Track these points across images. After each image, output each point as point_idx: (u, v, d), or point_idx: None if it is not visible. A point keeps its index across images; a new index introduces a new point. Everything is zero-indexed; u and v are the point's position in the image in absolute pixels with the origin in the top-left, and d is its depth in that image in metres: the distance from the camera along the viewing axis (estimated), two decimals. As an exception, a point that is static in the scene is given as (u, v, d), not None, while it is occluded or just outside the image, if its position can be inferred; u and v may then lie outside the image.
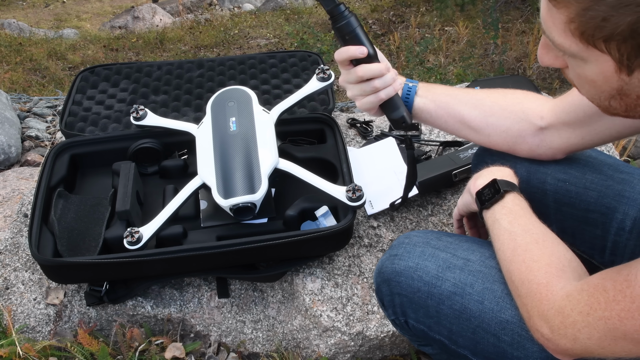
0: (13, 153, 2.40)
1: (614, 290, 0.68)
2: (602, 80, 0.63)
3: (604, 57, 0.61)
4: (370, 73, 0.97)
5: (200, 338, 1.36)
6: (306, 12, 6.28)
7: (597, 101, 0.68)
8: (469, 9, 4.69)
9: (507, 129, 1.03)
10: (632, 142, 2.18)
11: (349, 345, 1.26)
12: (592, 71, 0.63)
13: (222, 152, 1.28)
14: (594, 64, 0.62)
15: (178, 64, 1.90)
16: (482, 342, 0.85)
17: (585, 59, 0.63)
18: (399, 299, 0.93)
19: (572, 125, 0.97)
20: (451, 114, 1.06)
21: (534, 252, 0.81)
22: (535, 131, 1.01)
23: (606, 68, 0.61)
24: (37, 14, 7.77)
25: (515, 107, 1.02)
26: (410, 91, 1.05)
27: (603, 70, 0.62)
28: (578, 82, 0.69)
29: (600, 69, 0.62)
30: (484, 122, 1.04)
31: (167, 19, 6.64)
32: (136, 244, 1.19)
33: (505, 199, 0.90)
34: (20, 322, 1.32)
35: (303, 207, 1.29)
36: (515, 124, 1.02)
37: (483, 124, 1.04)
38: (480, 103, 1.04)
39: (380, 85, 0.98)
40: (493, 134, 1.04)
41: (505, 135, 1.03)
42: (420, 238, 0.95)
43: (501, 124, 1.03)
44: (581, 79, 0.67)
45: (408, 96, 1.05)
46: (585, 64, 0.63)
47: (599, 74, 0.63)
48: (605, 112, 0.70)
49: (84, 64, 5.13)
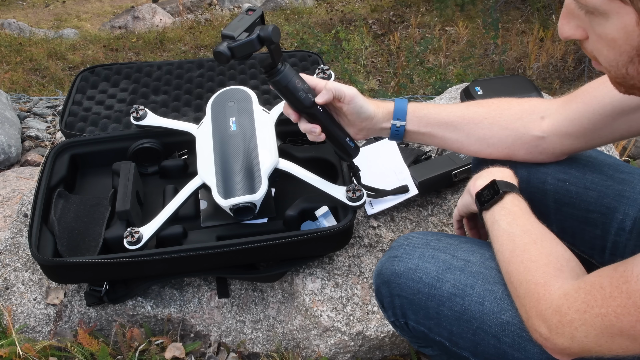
0: (13, 153, 2.40)
1: (611, 286, 0.68)
2: (623, 38, 0.63)
3: (626, 9, 0.61)
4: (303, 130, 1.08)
5: (200, 338, 1.36)
6: (306, 12, 6.28)
7: (615, 69, 0.68)
8: (469, 9, 4.69)
9: (508, 146, 1.04)
10: (632, 142, 2.18)
11: (349, 345, 1.26)
12: (613, 27, 0.63)
13: (222, 152, 1.28)
14: (615, 18, 0.62)
15: (178, 64, 1.90)
16: (482, 343, 0.85)
17: (607, 14, 0.63)
18: (398, 300, 0.93)
19: (575, 135, 0.97)
20: (448, 143, 1.08)
21: (532, 253, 0.81)
22: (537, 142, 1.01)
23: (628, 21, 0.62)
24: (37, 14, 7.77)
25: (515, 123, 1.02)
26: (399, 131, 1.07)
27: (625, 25, 0.62)
28: (597, 50, 0.68)
29: (622, 24, 0.62)
30: (484, 145, 1.05)
31: (167, 19, 6.63)
32: (136, 244, 1.19)
33: (505, 200, 0.90)
34: (20, 322, 1.32)
35: (303, 207, 1.29)
36: (517, 140, 1.02)
37: (484, 146, 1.05)
38: (477, 129, 1.04)
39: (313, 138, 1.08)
40: (494, 153, 1.06)
41: (507, 151, 1.04)
42: (420, 239, 0.95)
43: (502, 144, 1.04)
44: (601, 42, 0.67)
45: (397, 134, 1.08)
46: (606, 20, 0.63)
47: (620, 29, 0.63)
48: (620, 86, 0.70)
49: (84, 64, 5.12)
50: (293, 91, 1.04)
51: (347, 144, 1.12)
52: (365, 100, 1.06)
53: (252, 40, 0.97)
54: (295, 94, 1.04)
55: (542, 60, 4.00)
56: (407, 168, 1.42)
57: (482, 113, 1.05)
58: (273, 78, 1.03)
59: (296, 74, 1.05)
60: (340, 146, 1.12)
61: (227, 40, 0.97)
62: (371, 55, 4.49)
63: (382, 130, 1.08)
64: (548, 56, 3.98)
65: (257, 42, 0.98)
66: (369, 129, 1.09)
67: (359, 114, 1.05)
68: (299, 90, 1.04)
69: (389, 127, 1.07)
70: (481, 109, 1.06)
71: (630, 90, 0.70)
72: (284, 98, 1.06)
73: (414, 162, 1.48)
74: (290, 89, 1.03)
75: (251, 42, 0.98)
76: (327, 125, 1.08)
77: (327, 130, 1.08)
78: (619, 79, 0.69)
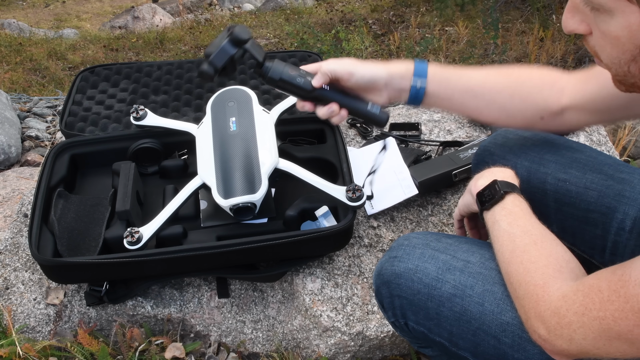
0: (13, 153, 2.40)
1: (609, 290, 0.68)
2: (627, 36, 0.64)
3: (631, 8, 0.61)
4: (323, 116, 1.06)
5: (200, 338, 1.36)
6: (306, 12, 6.29)
7: (617, 66, 0.68)
8: (469, 9, 4.69)
9: (527, 118, 1.04)
10: (632, 142, 2.18)
11: (349, 345, 1.26)
12: (617, 25, 0.64)
13: (222, 152, 1.28)
14: (620, 16, 0.63)
15: (178, 64, 1.90)
16: (482, 344, 0.85)
17: (612, 11, 0.63)
18: (398, 301, 0.92)
19: (592, 112, 1.00)
20: (467, 111, 1.07)
21: (532, 254, 0.81)
22: (555, 117, 1.03)
23: (633, 20, 0.62)
24: (37, 14, 7.77)
25: (536, 96, 1.03)
26: (419, 93, 1.04)
27: (629, 24, 0.62)
28: (600, 47, 0.69)
29: (626, 22, 0.63)
30: (504, 115, 1.05)
31: (167, 19, 6.64)
32: (136, 244, 1.19)
33: (505, 200, 0.90)
34: (20, 322, 1.32)
35: (303, 207, 1.29)
36: (536, 113, 1.03)
37: (503, 116, 1.05)
38: (498, 98, 1.04)
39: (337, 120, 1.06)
40: (512, 123, 1.07)
41: (525, 122, 1.05)
42: (420, 240, 0.95)
43: (521, 115, 1.04)
44: (604, 39, 0.67)
45: (416, 96, 1.04)
46: (611, 18, 0.64)
47: (624, 27, 0.63)
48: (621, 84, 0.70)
49: (84, 64, 5.13)
50: (290, 80, 1.03)
51: (371, 111, 1.07)
52: (365, 66, 1.03)
53: (224, 46, 1.00)
54: (293, 82, 1.03)
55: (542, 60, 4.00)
56: (407, 168, 1.42)
57: (503, 83, 1.04)
58: (265, 75, 1.04)
59: (288, 64, 1.05)
60: (364, 116, 1.08)
61: (205, 59, 1.01)
62: (371, 55, 4.49)
63: (401, 90, 1.04)
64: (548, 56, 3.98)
65: (230, 45, 1.01)
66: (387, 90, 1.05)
67: (366, 84, 1.03)
68: (295, 78, 1.03)
69: (408, 88, 1.03)
70: (502, 78, 1.05)
71: (630, 88, 0.70)
72: (286, 92, 1.06)
73: (414, 162, 1.48)
74: (286, 79, 1.03)
75: (224, 48, 1.00)
76: (342, 101, 1.05)
77: (344, 106, 1.05)
78: (620, 76, 0.69)
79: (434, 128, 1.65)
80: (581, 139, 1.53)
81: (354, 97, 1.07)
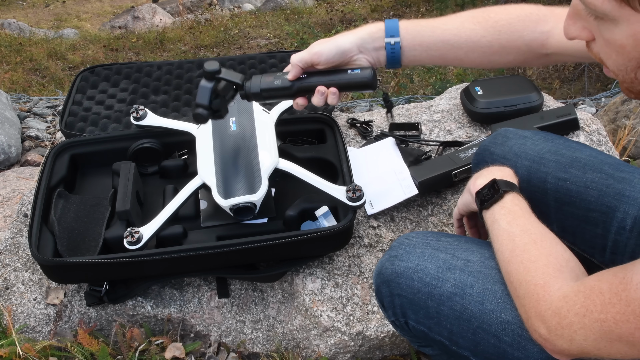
0: (13, 153, 2.40)
1: (610, 292, 0.68)
2: (632, 45, 0.63)
3: (636, 17, 0.60)
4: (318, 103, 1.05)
5: (200, 338, 1.36)
6: (306, 12, 6.29)
7: (623, 73, 0.67)
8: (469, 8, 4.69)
9: (510, 61, 1.03)
10: (632, 143, 2.18)
11: (349, 345, 1.26)
12: (622, 34, 0.63)
13: (222, 152, 1.28)
14: (625, 25, 0.62)
15: (178, 64, 1.90)
16: (482, 343, 0.85)
17: (617, 20, 0.62)
18: (399, 300, 0.93)
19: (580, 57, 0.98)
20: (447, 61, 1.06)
21: (532, 253, 0.81)
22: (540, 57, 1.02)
23: (638, 29, 0.61)
24: (37, 14, 7.77)
25: (517, 42, 1.00)
26: (394, 50, 1.02)
27: (634, 32, 0.61)
28: (605, 54, 0.68)
29: (631, 31, 0.61)
30: (485, 60, 1.04)
31: (167, 19, 6.64)
32: (136, 244, 1.19)
33: (505, 199, 0.89)
34: (20, 322, 1.32)
35: (303, 207, 1.29)
36: (519, 55, 1.02)
37: (485, 62, 1.04)
38: (476, 47, 1.02)
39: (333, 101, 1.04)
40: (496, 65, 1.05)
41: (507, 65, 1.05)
42: (420, 239, 0.95)
43: (503, 59, 1.03)
44: (609, 46, 0.66)
45: (393, 54, 1.03)
46: (615, 26, 0.63)
47: (629, 36, 0.62)
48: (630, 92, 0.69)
49: (84, 64, 5.13)
50: (269, 86, 1.07)
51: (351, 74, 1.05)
52: (331, 41, 1.03)
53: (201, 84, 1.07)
54: (272, 86, 1.06)
55: (542, 60, 3.99)
56: (407, 168, 1.42)
57: (479, 31, 1.02)
58: (248, 93, 1.09)
59: (263, 75, 1.09)
60: (348, 82, 1.06)
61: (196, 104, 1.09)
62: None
63: (377, 50, 1.03)
64: (548, 56, 3.98)
65: (205, 80, 1.07)
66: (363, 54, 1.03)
67: (339, 56, 1.03)
68: (272, 82, 1.07)
69: (383, 46, 1.02)
70: (478, 27, 1.02)
71: (639, 96, 0.69)
72: (273, 99, 1.09)
73: (414, 162, 1.48)
74: (266, 87, 1.07)
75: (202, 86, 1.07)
76: (323, 81, 1.05)
77: (327, 83, 1.05)
78: (627, 83, 0.68)
79: (434, 128, 1.65)
80: (581, 139, 1.53)
81: (332, 72, 1.07)
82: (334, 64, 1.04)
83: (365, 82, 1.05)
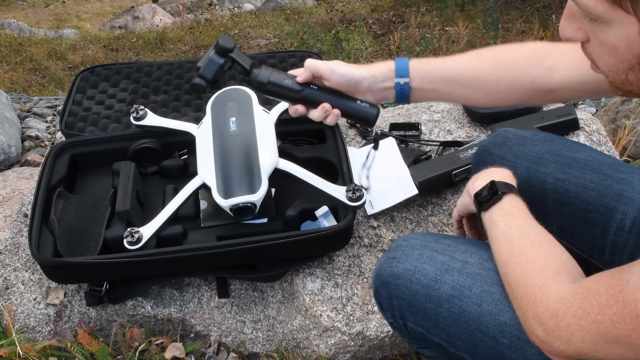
0: (13, 153, 2.40)
1: (607, 294, 0.68)
2: (625, 46, 0.63)
3: (629, 19, 0.60)
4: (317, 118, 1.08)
5: (200, 338, 1.36)
6: (306, 12, 6.29)
7: (614, 74, 0.68)
8: (469, 9, 4.70)
9: (516, 99, 1.04)
10: (632, 143, 2.18)
11: (349, 345, 1.26)
12: (615, 35, 0.63)
13: (222, 152, 1.28)
14: (618, 26, 0.62)
15: (178, 64, 1.90)
16: (480, 344, 0.85)
17: (610, 22, 0.62)
18: (397, 301, 0.93)
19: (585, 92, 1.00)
20: (455, 98, 1.08)
21: (529, 254, 0.81)
22: (546, 94, 1.02)
23: (630, 31, 0.61)
24: (37, 14, 7.77)
25: (523, 78, 1.01)
26: (404, 89, 1.04)
27: (627, 34, 0.62)
28: (598, 55, 0.68)
29: (624, 33, 0.62)
30: (492, 99, 1.04)
31: (167, 19, 6.64)
32: (136, 244, 1.19)
33: (503, 201, 0.90)
34: (20, 322, 1.32)
35: (303, 207, 1.29)
36: (525, 93, 1.02)
37: (492, 100, 1.05)
38: (483, 85, 1.03)
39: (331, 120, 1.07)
40: (502, 104, 1.07)
41: (515, 102, 1.06)
42: (418, 240, 0.95)
43: (509, 97, 1.03)
44: (602, 48, 0.66)
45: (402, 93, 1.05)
46: (608, 28, 0.63)
47: (622, 38, 0.63)
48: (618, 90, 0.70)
49: (84, 64, 5.13)
50: (278, 82, 1.06)
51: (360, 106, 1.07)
52: (348, 67, 1.04)
53: (212, 57, 1.05)
54: (281, 83, 1.05)
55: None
56: (407, 168, 1.42)
57: (486, 69, 1.03)
58: (254, 81, 1.07)
59: (274, 70, 1.07)
60: (354, 111, 1.08)
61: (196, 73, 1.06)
62: (371, 55, 4.49)
63: (386, 90, 1.05)
64: (548, 56, 3.98)
65: (217, 55, 1.05)
66: (371, 92, 1.06)
67: (348, 82, 1.04)
68: (282, 79, 1.06)
69: (392, 86, 1.04)
70: (485, 64, 1.04)
71: (627, 94, 0.70)
72: (275, 96, 1.08)
73: (414, 162, 1.48)
74: (274, 82, 1.06)
75: (212, 59, 1.06)
76: (331, 100, 1.06)
77: (334, 103, 1.06)
78: (617, 83, 0.69)
79: (434, 128, 1.65)
80: (581, 139, 1.53)
81: (344, 96, 1.08)
82: (341, 87, 1.06)
83: (368, 118, 1.08)
